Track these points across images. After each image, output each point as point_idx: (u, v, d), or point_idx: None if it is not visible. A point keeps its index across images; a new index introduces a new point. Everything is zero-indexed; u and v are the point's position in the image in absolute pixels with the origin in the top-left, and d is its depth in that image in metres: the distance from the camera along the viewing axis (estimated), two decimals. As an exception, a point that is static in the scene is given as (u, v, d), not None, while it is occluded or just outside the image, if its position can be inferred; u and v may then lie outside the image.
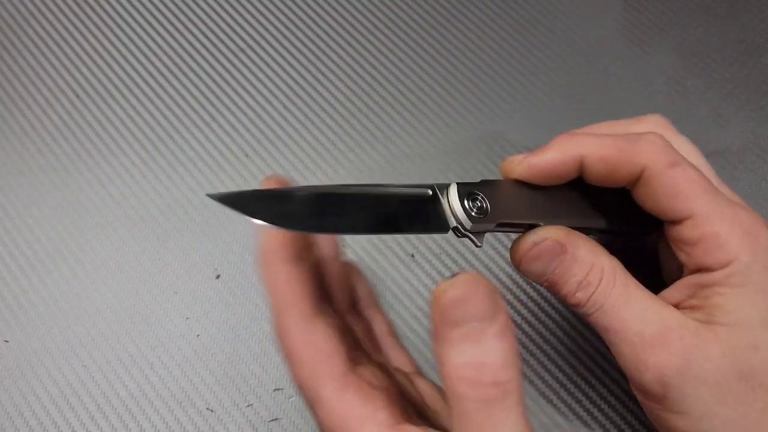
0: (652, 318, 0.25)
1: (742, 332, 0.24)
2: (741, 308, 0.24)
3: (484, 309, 0.19)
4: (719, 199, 0.25)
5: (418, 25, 0.44)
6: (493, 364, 0.19)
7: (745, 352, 0.24)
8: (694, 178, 0.25)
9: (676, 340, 0.24)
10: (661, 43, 0.43)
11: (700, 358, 0.24)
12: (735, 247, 0.25)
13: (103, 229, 0.38)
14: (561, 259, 0.25)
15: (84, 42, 0.43)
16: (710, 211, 0.25)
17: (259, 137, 0.40)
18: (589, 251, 0.26)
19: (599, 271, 0.25)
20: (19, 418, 0.33)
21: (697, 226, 0.25)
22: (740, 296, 0.24)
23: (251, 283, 0.36)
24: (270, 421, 0.33)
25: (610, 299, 0.25)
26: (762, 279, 0.24)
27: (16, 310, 0.36)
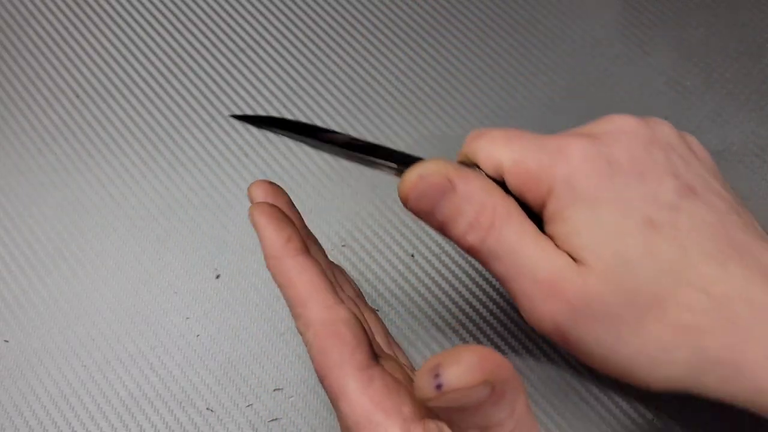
0: (544, 263, 0.23)
1: (604, 250, 0.23)
2: (588, 226, 0.23)
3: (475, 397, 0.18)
4: (528, 140, 0.25)
5: (418, 25, 0.44)
6: (497, 423, 0.19)
7: (619, 270, 0.22)
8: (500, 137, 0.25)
9: (563, 284, 0.23)
10: (661, 43, 0.43)
11: (587, 298, 0.23)
12: (547, 172, 0.24)
13: (103, 229, 0.38)
14: (450, 196, 0.23)
15: (84, 42, 0.43)
16: (520, 155, 0.24)
17: (258, 137, 0.40)
18: (481, 188, 0.24)
19: (491, 210, 0.23)
20: (19, 418, 0.33)
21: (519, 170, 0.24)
22: (580, 214, 0.23)
23: (251, 283, 0.36)
24: (270, 421, 0.33)
25: (504, 243, 0.23)
26: (589, 187, 0.23)
27: (16, 310, 0.36)
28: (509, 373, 0.19)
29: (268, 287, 0.36)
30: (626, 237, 0.23)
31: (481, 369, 0.17)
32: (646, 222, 0.23)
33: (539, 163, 0.24)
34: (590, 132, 0.25)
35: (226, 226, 0.38)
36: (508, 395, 0.19)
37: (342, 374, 0.23)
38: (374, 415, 0.22)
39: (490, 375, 0.18)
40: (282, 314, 0.35)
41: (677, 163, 0.25)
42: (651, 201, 0.23)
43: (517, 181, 0.24)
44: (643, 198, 0.23)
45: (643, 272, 0.23)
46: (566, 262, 0.23)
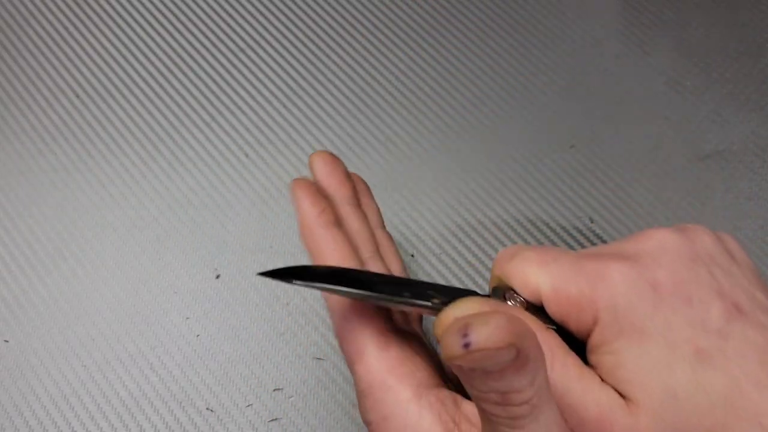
0: (590, 401, 0.22)
1: (653, 386, 0.22)
2: (635, 360, 0.22)
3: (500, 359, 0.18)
4: (568, 261, 0.24)
5: (418, 25, 0.44)
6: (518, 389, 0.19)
7: (669, 406, 0.22)
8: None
9: (612, 423, 0.22)
10: (661, 43, 0.43)
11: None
12: (589, 300, 0.23)
13: (103, 229, 0.38)
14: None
15: (84, 42, 0.43)
16: (559, 281, 0.23)
17: (259, 137, 0.40)
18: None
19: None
20: (19, 418, 0.33)
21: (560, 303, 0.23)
22: (628, 348, 0.22)
23: (251, 283, 0.36)
24: (270, 421, 0.33)
25: (551, 383, 0.22)
26: (634, 316, 0.22)
27: (16, 310, 0.36)
28: (534, 342, 0.18)
29: (268, 287, 0.36)
30: (675, 371, 0.22)
31: (509, 331, 0.17)
32: (694, 353, 0.22)
33: (580, 289, 0.23)
34: (629, 252, 0.24)
35: (226, 226, 0.38)
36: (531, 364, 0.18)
37: (360, 338, 0.23)
38: (388, 378, 0.23)
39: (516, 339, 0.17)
40: (282, 314, 0.35)
41: (721, 280, 0.24)
42: (698, 328, 0.22)
43: (558, 308, 0.23)
44: (690, 325, 0.22)
45: (694, 408, 0.22)
46: (613, 399, 0.22)
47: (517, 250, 0.25)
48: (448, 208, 0.38)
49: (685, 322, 0.22)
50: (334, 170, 0.28)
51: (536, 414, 0.19)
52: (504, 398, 0.18)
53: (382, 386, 0.23)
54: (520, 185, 0.38)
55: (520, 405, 0.18)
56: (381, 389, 0.23)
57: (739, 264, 0.25)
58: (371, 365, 0.23)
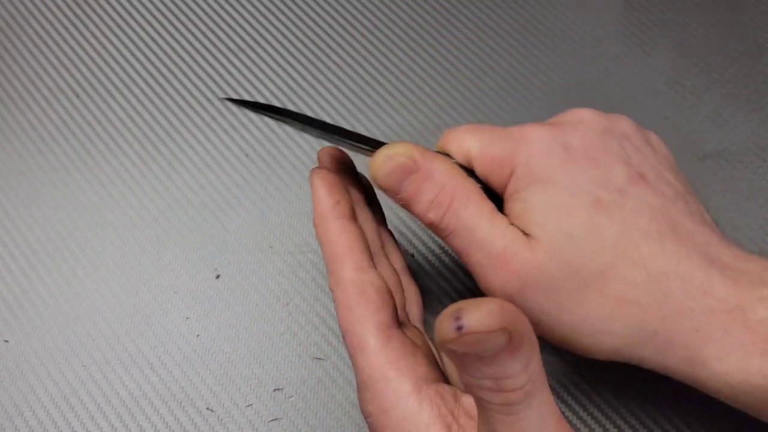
0: (496, 237, 0.25)
1: (552, 226, 0.24)
2: (540, 205, 0.25)
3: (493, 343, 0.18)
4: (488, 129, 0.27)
5: (418, 25, 0.44)
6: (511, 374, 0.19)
7: (564, 245, 0.24)
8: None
9: (513, 257, 0.24)
10: (661, 43, 0.43)
11: (534, 270, 0.24)
12: (509, 156, 0.26)
13: (103, 229, 0.38)
14: (413, 177, 0.25)
15: (84, 42, 0.43)
16: (487, 143, 0.26)
17: (259, 137, 0.40)
18: (443, 170, 0.25)
19: (451, 191, 0.25)
20: (19, 418, 0.33)
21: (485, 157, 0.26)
22: (534, 194, 0.25)
23: (251, 283, 0.36)
24: (270, 421, 0.33)
25: (462, 220, 0.25)
26: (544, 169, 0.25)
27: (16, 310, 0.36)
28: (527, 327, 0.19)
29: (268, 287, 0.36)
30: (573, 215, 0.24)
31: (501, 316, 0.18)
32: (593, 202, 0.25)
33: (502, 149, 0.26)
34: (552, 122, 0.27)
35: (226, 226, 0.38)
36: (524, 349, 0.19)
37: (363, 330, 0.25)
38: (388, 371, 0.24)
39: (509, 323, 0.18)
40: (282, 314, 0.35)
41: (630, 153, 0.26)
42: (601, 184, 0.25)
43: (483, 166, 0.26)
44: (593, 181, 0.25)
45: (586, 247, 0.24)
46: (517, 237, 0.25)
47: (458, 126, 0.28)
48: (448, 208, 0.38)
49: (589, 177, 0.25)
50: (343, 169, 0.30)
51: (530, 401, 0.19)
52: (498, 384, 0.19)
53: (383, 379, 0.24)
54: (520, 185, 0.38)
55: (514, 391, 0.19)
56: (381, 381, 0.24)
57: (655, 150, 0.28)
58: (372, 358, 0.24)
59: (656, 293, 0.24)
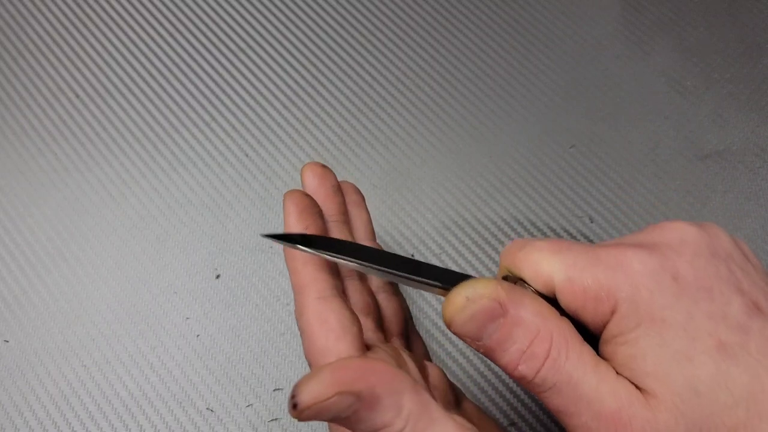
0: (606, 394, 0.21)
1: (674, 379, 0.21)
2: (655, 352, 0.21)
3: (339, 407, 0.19)
4: (575, 252, 0.23)
5: (418, 25, 0.44)
6: (384, 424, 0.19)
7: (691, 402, 0.21)
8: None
9: (630, 419, 0.21)
10: (661, 43, 0.43)
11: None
12: (607, 290, 0.22)
13: (103, 229, 0.38)
14: (500, 322, 0.21)
15: (84, 42, 0.43)
16: (574, 271, 0.22)
17: (259, 137, 0.40)
18: (536, 313, 0.22)
19: (547, 338, 0.21)
20: (19, 418, 0.33)
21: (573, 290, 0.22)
22: (647, 338, 0.21)
23: (251, 283, 0.36)
24: (270, 421, 0.33)
25: (562, 375, 0.21)
26: (655, 306, 0.21)
27: (16, 310, 0.36)
28: (376, 376, 0.19)
29: (268, 287, 0.36)
30: (697, 364, 0.21)
31: (333, 383, 0.18)
32: (717, 346, 0.21)
33: (597, 279, 0.22)
34: (647, 242, 0.23)
35: (226, 226, 0.38)
36: (386, 398, 0.19)
37: (324, 360, 0.24)
38: None
39: (343, 386, 0.18)
40: (282, 314, 0.35)
41: (740, 277, 0.23)
42: (720, 322, 0.21)
43: (572, 300, 0.22)
44: (712, 318, 0.21)
45: (716, 404, 0.21)
46: (631, 393, 0.21)
47: (528, 241, 0.24)
48: (448, 208, 0.38)
49: (706, 314, 0.21)
50: (322, 183, 0.29)
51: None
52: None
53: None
54: (520, 185, 0.38)
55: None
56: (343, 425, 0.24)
57: (754, 266, 0.25)
58: None
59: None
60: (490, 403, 0.33)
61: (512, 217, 0.37)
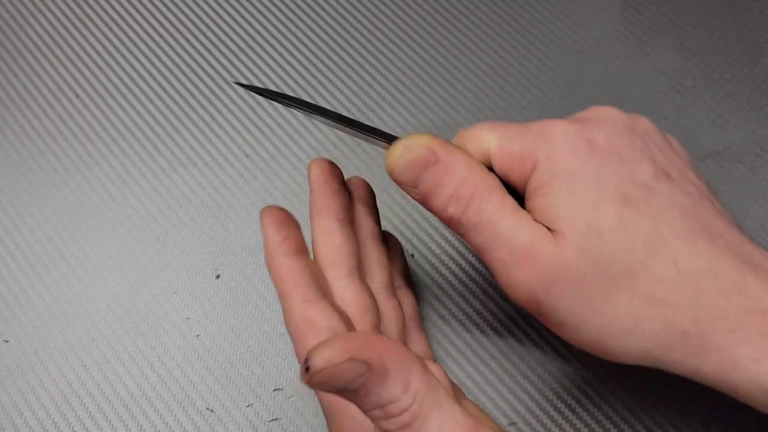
0: (520, 233, 0.24)
1: (580, 221, 0.23)
2: (565, 199, 0.24)
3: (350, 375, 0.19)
4: (513, 127, 0.26)
5: (418, 25, 0.44)
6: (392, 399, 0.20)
7: (593, 241, 0.23)
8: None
9: (538, 253, 0.23)
10: (661, 43, 0.43)
11: (561, 266, 0.23)
12: (530, 151, 0.25)
13: (103, 229, 0.38)
14: (433, 169, 0.24)
15: (84, 42, 0.43)
16: (506, 140, 0.26)
17: (259, 137, 0.40)
18: (464, 163, 0.24)
19: (472, 184, 0.24)
20: (19, 418, 0.33)
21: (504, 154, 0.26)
22: (559, 189, 0.24)
23: (251, 283, 0.36)
24: (270, 421, 0.33)
25: (484, 215, 0.24)
26: (568, 163, 0.24)
27: (16, 310, 0.36)
28: (387, 350, 0.20)
29: (268, 287, 0.36)
30: (601, 210, 0.24)
31: (346, 349, 0.19)
32: (621, 197, 0.24)
33: (523, 144, 0.25)
34: (573, 118, 0.27)
35: (226, 226, 0.38)
36: (395, 373, 0.20)
37: None
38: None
39: (355, 353, 0.19)
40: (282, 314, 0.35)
41: (654, 151, 0.26)
42: (627, 180, 0.24)
43: (502, 162, 0.25)
44: (619, 176, 0.24)
45: (615, 244, 0.23)
46: (542, 232, 0.24)
47: (474, 124, 0.27)
48: (448, 208, 0.38)
49: (614, 173, 0.24)
50: (328, 180, 0.29)
51: (423, 419, 0.20)
52: (385, 412, 0.20)
53: (340, 405, 0.24)
54: (520, 185, 0.38)
55: (401, 414, 0.20)
56: (339, 408, 0.25)
57: (675, 150, 0.27)
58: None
59: (689, 292, 0.23)
60: (490, 403, 0.33)
61: (512, 217, 0.37)
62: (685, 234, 0.24)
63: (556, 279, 0.23)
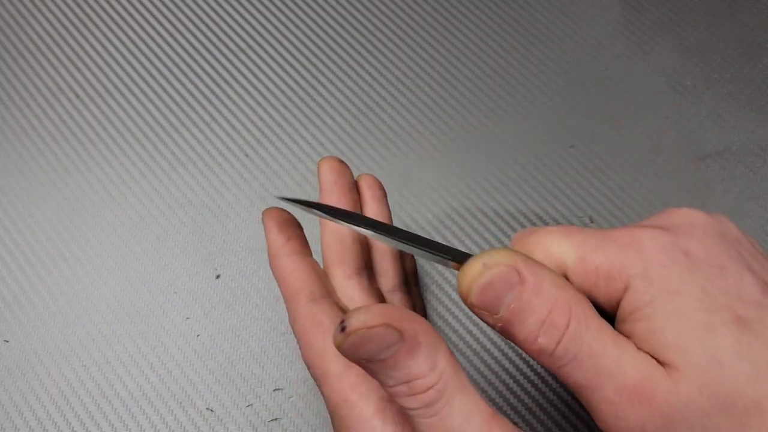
0: (628, 366, 0.21)
1: (695, 350, 0.20)
2: (673, 325, 0.21)
3: (382, 342, 0.19)
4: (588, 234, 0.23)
5: (418, 25, 0.44)
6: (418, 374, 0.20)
7: (713, 373, 0.20)
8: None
9: (654, 390, 0.20)
10: (661, 43, 0.43)
11: (681, 405, 0.20)
12: (619, 267, 0.22)
13: (103, 229, 0.38)
14: (517, 290, 0.21)
15: (84, 42, 0.43)
16: (585, 251, 0.22)
17: (259, 137, 0.40)
18: (553, 282, 0.21)
19: (566, 307, 0.21)
20: (19, 418, 0.33)
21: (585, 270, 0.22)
22: (664, 312, 0.21)
23: (251, 283, 0.36)
24: (270, 421, 0.33)
25: (583, 346, 0.21)
26: (669, 280, 0.21)
27: (16, 310, 0.36)
28: (422, 327, 0.19)
29: (268, 287, 0.36)
30: (717, 336, 0.20)
31: (382, 313, 0.19)
32: (734, 320, 0.21)
33: (608, 257, 0.22)
34: (657, 224, 0.23)
35: (226, 226, 0.38)
36: (424, 347, 0.19)
37: (323, 361, 0.24)
38: (351, 396, 0.24)
39: (391, 319, 0.19)
40: (282, 314, 0.35)
41: (749, 258, 0.23)
42: (736, 297, 0.21)
43: (584, 279, 0.22)
44: (727, 294, 0.21)
45: (739, 375, 0.20)
46: (653, 366, 0.21)
47: (539, 227, 0.24)
48: (448, 208, 0.38)
49: (721, 289, 0.21)
50: (338, 180, 0.29)
51: (447, 399, 0.20)
52: (410, 388, 0.19)
53: (346, 404, 0.24)
54: (520, 185, 0.38)
55: (426, 391, 0.20)
56: (345, 407, 0.24)
57: (761, 253, 0.24)
58: (335, 385, 0.24)
59: None
60: (490, 404, 0.33)
61: (512, 217, 0.37)
62: None
63: (676, 419, 0.20)
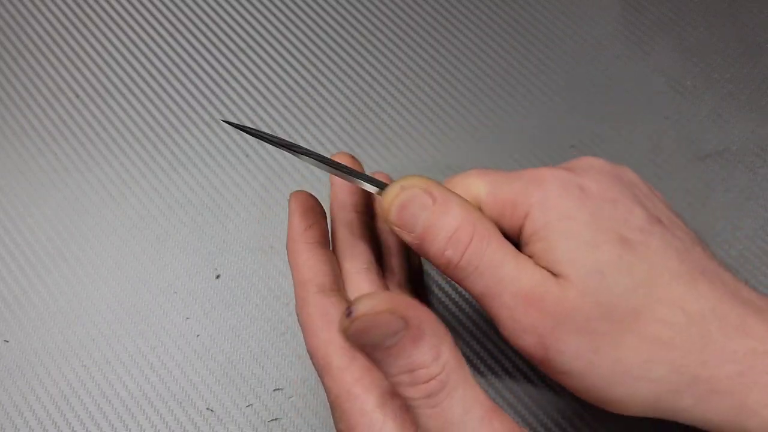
0: (524, 276, 0.23)
1: (582, 263, 0.23)
2: (564, 242, 0.23)
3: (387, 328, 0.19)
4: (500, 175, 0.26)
5: (418, 25, 0.44)
6: (421, 364, 0.20)
7: (596, 282, 0.23)
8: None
9: (544, 295, 0.23)
10: (661, 43, 0.43)
11: (567, 309, 0.23)
12: (523, 198, 0.25)
13: (103, 229, 0.38)
14: (430, 210, 0.24)
15: (84, 42, 0.43)
16: (496, 186, 0.26)
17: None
18: (462, 206, 0.24)
19: (471, 226, 0.24)
20: (19, 418, 0.33)
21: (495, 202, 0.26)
22: (556, 232, 0.24)
23: (251, 283, 0.36)
24: (270, 421, 0.33)
25: (485, 258, 0.23)
26: (563, 206, 0.24)
27: (16, 310, 0.36)
28: (426, 316, 0.20)
29: (268, 287, 0.36)
30: (602, 252, 0.23)
31: (388, 300, 0.19)
32: (619, 239, 0.24)
33: (514, 190, 0.25)
34: (561, 166, 0.27)
35: (226, 226, 0.38)
36: (429, 337, 0.20)
37: (327, 352, 0.25)
38: (353, 388, 0.24)
39: (396, 306, 0.19)
40: (282, 314, 0.35)
41: (642, 199, 0.26)
42: (622, 223, 0.24)
43: (494, 209, 0.25)
44: (614, 220, 0.24)
45: (618, 285, 0.23)
46: (545, 275, 0.23)
47: (462, 172, 0.27)
48: (448, 208, 0.38)
49: (609, 216, 0.24)
50: None
51: (449, 391, 0.20)
52: (413, 377, 0.20)
53: (348, 397, 0.24)
54: (520, 185, 0.38)
55: (428, 381, 0.20)
56: (347, 400, 0.24)
57: (660, 200, 0.27)
58: (337, 377, 0.24)
59: (695, 335, 0.22)
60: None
61: (512, 217, 0.37)
62: (685, 276, 0.23)
63: (563, 321, 0.23)
